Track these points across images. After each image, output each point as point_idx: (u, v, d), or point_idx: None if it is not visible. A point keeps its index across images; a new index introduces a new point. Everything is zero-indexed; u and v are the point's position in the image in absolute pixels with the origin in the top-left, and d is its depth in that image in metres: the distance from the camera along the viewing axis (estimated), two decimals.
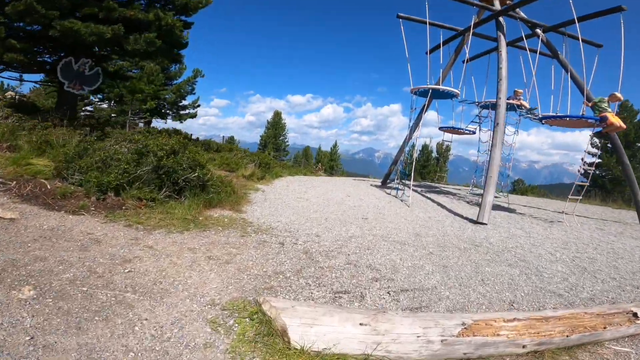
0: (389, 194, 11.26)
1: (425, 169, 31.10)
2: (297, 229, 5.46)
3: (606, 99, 8.71)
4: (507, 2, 10.41)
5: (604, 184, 22.25)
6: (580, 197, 8.89)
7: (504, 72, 8.35)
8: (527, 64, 11.06)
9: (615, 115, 8.61)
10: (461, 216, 8.36)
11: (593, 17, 9.02)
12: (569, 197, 8.84)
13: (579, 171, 8.57)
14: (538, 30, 10.33)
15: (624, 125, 8.50)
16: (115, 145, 5.55)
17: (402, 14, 11.24)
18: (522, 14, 10.59)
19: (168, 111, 20.35)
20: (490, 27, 10.93)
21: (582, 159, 26.70)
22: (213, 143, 18.40)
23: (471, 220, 7.76)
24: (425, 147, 32.17)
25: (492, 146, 7.79)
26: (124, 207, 4.82)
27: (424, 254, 4.86)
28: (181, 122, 20.82)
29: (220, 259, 3.76)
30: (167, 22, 9.63)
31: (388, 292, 3.46)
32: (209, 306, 2.87)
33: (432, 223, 7.12)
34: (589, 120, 8.11)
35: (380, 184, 14.40)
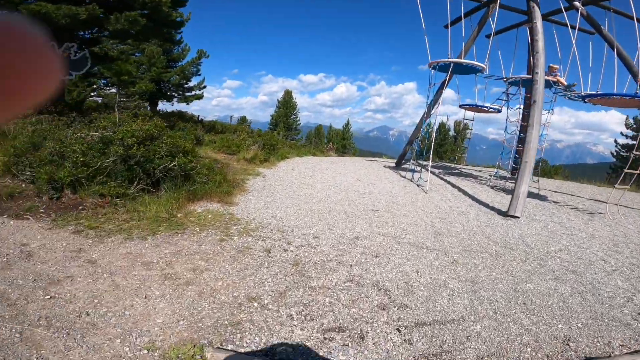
0: (404, 177, 10.21)
1: (442, 147, 29.54)
2: (293, 228, 4.58)
3: None
4: None
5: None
6: (628, 187, 7.61)
7: (540, 44, 6.98)
8: (563, 38, 9.59)
9: None
10: (487, 206, 7.29)
11: None
12: (616, 186, 7.57)
13: (635, 155, 7.13)
14: (577, 3, 8.78)
15: None
16: (77, 134, 4.70)
17: None
18: None
19: (173, 93, 19.62)
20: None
21: (616, 141, 24.50)
22: (218, 124, 17.52)
23: (500, 212, 6.69)
24: (442, 126, 30.46)
25: (528, 126, 6.56)
26: (80, 207, 4.02)
27: (446, 263, 3.91)
28: (187, 104, 20.06)
29: (180, 278, 2.92)
30: None
31: (398, 328, 2.56)
32: (146, 351, 2.06)
33: (454, 216, 6.12)
34: None
35: (394, 164, 13.32)
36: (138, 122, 5.03)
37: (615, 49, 8.30)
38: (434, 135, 8.77)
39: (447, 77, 9.50)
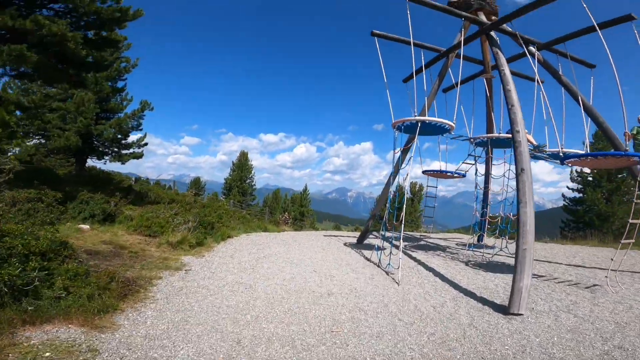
0: (369, 261, 8.63)
1: (399, 211, 28.95)
2: None
3: None
4: (493, 17, 8.75)
5: (592, 221, 20.79)
6: (633, 241, 6.36)
7: (514, 96, 6.12)
8: (521, 89, 9.34)
9: None
10: (474, 296, 5.80)
11: (603, 27, 7.20)
12: (622, 241, 6.26)
13: None
14: (532, 48, 8.43)
15: None
16: None
17: (377, 31, 9.37)
18: (510, 29, 8.79)
19: (106, 149, 16.50)
20: (475, 50, 9.28)
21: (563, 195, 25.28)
22: (152, 192, 15.20)
23: (495, 307, 5.21)
24: (400, 188, 30.28)
25: (520, 204, 5.24)
26: None
27: None
28: (122, 163, 17.06)
29: None
30: (51, 31, 6.96)
31: None
32: None
33: (443, 326, 4.47)
34: (634, 158, 5.95)
35: (355, 241, 11.77)
36: None
37: (580, 100, 7.81)
38: (403, 213, 7.53)
39: (415, 138, 8.42)
